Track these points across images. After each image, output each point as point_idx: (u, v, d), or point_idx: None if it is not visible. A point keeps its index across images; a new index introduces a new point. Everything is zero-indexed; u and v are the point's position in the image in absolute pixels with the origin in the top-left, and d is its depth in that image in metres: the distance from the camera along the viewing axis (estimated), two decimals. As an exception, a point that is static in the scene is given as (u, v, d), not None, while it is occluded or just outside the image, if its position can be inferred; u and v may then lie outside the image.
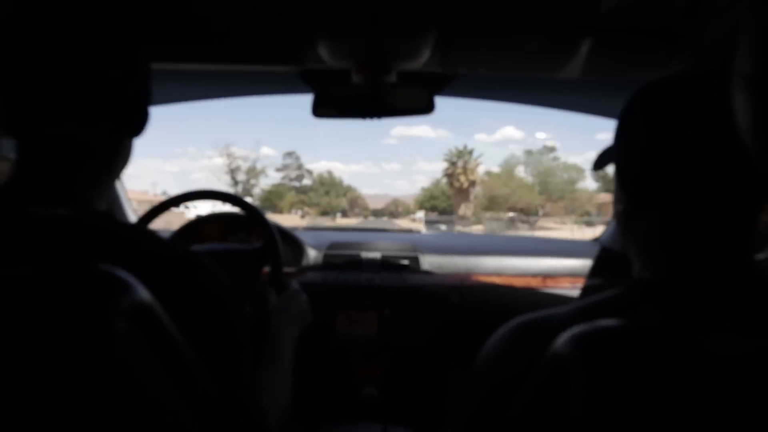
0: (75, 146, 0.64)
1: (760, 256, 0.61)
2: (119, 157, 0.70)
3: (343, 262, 1.77)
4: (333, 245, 1.83)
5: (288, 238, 1.77)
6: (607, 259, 1.73)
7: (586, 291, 1.71)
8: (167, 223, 2.05)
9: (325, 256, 1.78)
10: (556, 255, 1.79)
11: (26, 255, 0.55)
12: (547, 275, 1.75)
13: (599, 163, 0.75)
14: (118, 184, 1.84)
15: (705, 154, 0.54)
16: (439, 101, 1.30)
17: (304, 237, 1.83)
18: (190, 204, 1.39)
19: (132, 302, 0.47)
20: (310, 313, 1.15)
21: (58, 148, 0.63)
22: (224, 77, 1.51)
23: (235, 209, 1.38)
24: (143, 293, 0.49)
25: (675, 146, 0.55)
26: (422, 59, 1.18)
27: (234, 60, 1.22)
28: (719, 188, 0.54)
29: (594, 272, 1.74)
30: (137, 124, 0.70)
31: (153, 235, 0.65)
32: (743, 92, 0.43)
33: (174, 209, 1.47)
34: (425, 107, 1.28)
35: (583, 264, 1.76)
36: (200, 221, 1.75)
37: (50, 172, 0.62)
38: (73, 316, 0.45)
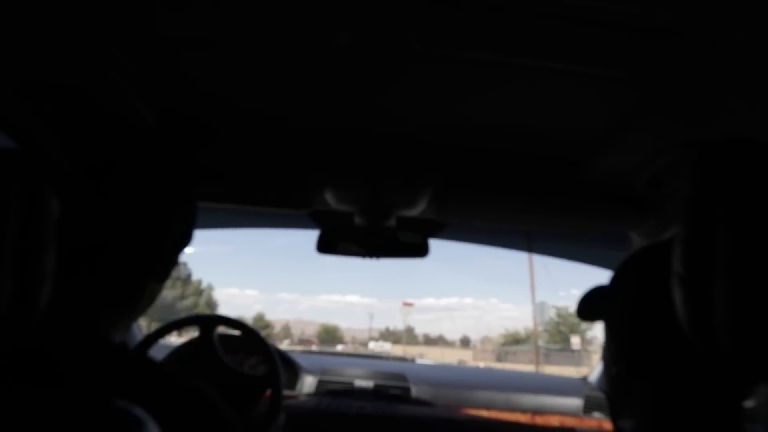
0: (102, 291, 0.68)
1: (747, 404, 0.65)
2: (145, 299, 0.75)
3: (336, 389, 1.79)
4: (327, 371, 1.86)
5: (286, 361, 1.82)
6: (597, 401, 1.76)
7: None
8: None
9: (320, 382, 1.81)
10: (547, 392, 1.81)
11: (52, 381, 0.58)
12: (537, 412, 1.76)
13: (587, 314, 0.76)
14: None
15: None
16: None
17: (300, 361, 1.87)
18: None
19: None
20: None
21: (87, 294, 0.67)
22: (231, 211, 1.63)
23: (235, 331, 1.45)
24: (154, 430, 0.52)
25: (666, 320, 0.57)
26: (419, 209, 1.32)
27: (249, 202, 1.34)
28: (706, 360, 0.55)
29: (585, 412, 1.76)
30: (165, 271, 0.75)
31: (157, 365, 0.69)
32: (677, 288, 0.50)
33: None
34: (421, 251, 1.40)
35: (573, 403, 1.77)
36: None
37: (77, 313, 0.66)
38: None
